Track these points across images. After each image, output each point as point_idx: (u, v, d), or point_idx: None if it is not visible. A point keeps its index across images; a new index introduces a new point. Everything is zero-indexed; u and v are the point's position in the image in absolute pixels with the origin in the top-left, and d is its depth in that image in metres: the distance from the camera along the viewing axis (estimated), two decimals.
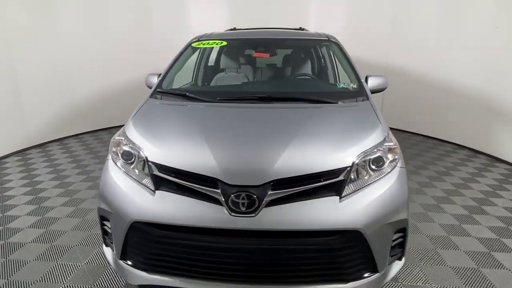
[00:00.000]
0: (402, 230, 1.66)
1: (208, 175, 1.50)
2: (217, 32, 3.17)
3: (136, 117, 2.01)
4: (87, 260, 2.26)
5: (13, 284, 2.03)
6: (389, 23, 5.53)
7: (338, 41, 2.92)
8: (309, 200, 1.49)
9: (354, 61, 2.67)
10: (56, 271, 2.15)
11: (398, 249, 1.71)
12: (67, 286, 2.02)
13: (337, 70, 3.12)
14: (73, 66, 5.01)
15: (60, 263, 2.23)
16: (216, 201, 1.47)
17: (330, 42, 2.91)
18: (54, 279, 2.08)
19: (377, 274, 1.58)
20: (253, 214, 1.45)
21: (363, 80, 2.41)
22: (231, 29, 3.70)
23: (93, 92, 5.44)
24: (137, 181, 1.62)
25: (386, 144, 1.71)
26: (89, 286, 2.02)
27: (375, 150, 1.65)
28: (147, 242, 1.55)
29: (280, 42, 3.24)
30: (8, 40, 4.13)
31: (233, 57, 3.11)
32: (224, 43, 2.92)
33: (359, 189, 1.55)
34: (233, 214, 1.45)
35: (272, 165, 1.49)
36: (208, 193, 1.49)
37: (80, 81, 5.15)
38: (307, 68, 3.07)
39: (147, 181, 1.60)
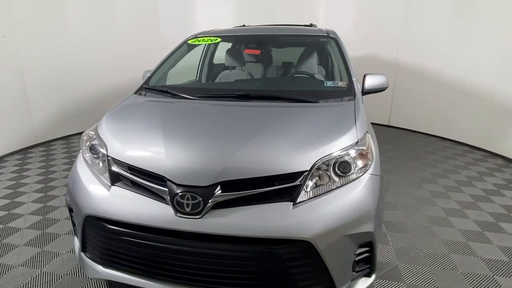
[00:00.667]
0: (369, 244, 1.49)
1: (157, 172, 1.45)
2: (216, 29, 3.08)
3: (111, 112, 2.00)
4: (69, 249, 2.27)
5: None
6: (400, 22, 5.43)
7: (337, 37, 2.72)
8: (259, 205, 1.38)
9: (351, 58, 2.49)
10: (39, 257, 2.18)
11: (365, 265, 1.55)
12: (44, 272, 2.04)
13: (334, 68, 2.91)
14: (79, 64, 5.06)
15: (45, 249, 2.26)
16: (164, 200, 1.42)
17: (328, 38, 2.73)
18: (35, 265, 2.10)
19: None
20: (198, 216, 1.37)
21: (354, 79, 2.24)
22: (240, 26, 3.62)
23: (99, 90, 5.42)
24: (98, 175, 1.61)
25: (356, 148, 1.54)
26: (64, 274, 2.02)
27: (342, 154, 1.50)
28: (100, 237, 1.53)
29: (275, 39, 3.08)
30: (17, 40, 4.20)
31: (229, 54, 3.00)
32: (218, 39, 2.84)
33: (317, 196, 1.41)
34: (178, 214, 1.38)
35: (221, 166, 1.41)
36: (156, 191, 1.44)
37: (86, 79, 5.20)
38: (303, 65, 2.87)
39: (106, 176, 1.58)
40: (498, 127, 4.28)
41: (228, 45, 3.16)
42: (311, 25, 3.40)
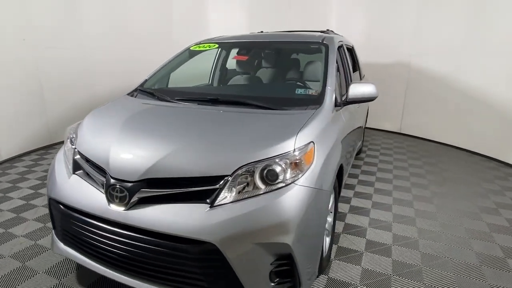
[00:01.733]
0: (288, 256, 1.47)
1: (100, 164, 1.64)
2: (221, 36, 3.24)
3: (96, 109, 2.22)
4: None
5: None
6: (412, 28, 5.36)
7: (331, 44, 2.62)
8: (179, 204, 1.46)
9: (335, 65, 2.43)
10: None
11: (286, 278, 1.54)
12: None
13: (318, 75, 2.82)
14: (94, 66, 5.10)
15: None
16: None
17: (320, 45, 2.63)
18: None
19: None
20: (124, 208, 1.50)
21: (329, 88, 2.18)
22: (258, 32, 3.77)
23: (112, 91, 5.34)
24: (67, 164, 1.85)
25: (287, 157, 1.54)
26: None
27: (270, 162, 1.51)
28: (58, 217, 1.79)
29: (267, 45, 3.07)
30: (35, 42, 4.23)
31: (227, 60, 3.16)
32: (216, 45, 2.96)
33: (236, 201, 1.44)
34: (110, 205, 1.53)
35: (150, 164, 1.51)
36: (98, 182, 1.63)
37: (101, 81, 5.24)
38: (290, 72, 2.86)
39: (71, 165, 1.82)
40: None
41: (225, 51, 3.36)
42: (327, 31, 3.39)
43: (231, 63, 3.49)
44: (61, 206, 1.72)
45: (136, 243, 1.49)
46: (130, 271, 1.58)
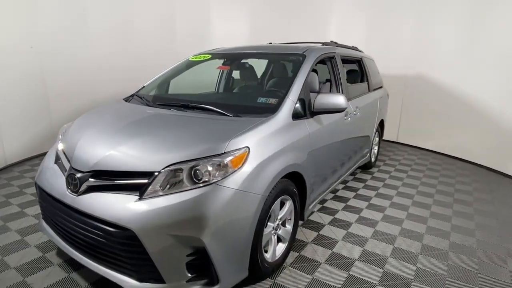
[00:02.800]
0: (203, 251, 1.58)
1: (67, 155, 1.96)
2: (218, 48, 3.45)
3: (87, 112, 2.49)
4: None
5: None
6: (409, 41, 5.50)
7: (310, 55, 2.66)
8: (116, 194, 1.65)
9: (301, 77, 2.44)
10: None
11: (203, 272, 1.65)
12: None
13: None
14: (98, 75, 5.17)
15: None
16: None
17: (298, 57, 2.68)
18: None
19: (164, 284, 1.60)
20: (75, 194, 1.74)
21: (289, 98, 2.25)
22: (268, 44, 3.83)
23: (115, 98, 5.15)
24: (53, 155, 2.14)
25: (214, 159, 1.66)
26: None
27: (200, 163, 1.64)
28: (40, 199, 2.08)
29: (251, 57, 3.22)
30: (41, 50, 4.32)
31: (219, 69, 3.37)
32: (209, 56, 3.15)
33: (161, 195, 1.58)
34: (67, 191, 1.79)
35: (98, 158, 1.75)
36: (64, 171, 1.92)
37: (104, 88, 5.27)
38: (269, 81, 2.93)
39: (54, 156, 2.12)
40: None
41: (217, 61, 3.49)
42: (331, 42, 3.40)
43: (236, 73, 3.69)
44: (42, 190, 2.01)
45: (84, 225, 1.71)
46: (83, 250, 1.82)
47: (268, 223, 2.04)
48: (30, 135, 4.37)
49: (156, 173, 1.63)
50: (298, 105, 2.31)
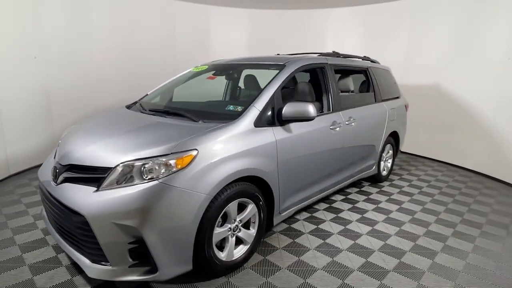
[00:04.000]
0: (141, 240, 1.77)
1: (58, 151, 2.27)
2: (217, 60, 3.65)
3: (88, 117, 2.83)
4: None
5: None
6: (404, 52, 5.69)
7: (290, 66, 2.75)
8: (79, 185, 1.92)
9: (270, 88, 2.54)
10: None
11: (144, 260, 1.84)
12: None
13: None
14: (101, 84, 5.25)
15: None
16: None
17: (278, 67, 2.78)
18: None
19: (109, 266, 1.81)
20: (55, 184, 2.05)
21: (254, 107, 2.37)
22: (276, 55, 3.92)
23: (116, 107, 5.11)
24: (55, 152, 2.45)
25: (159, 159, 1.85)
26: None
27: (148, 161, 1.84)
28: (39, 190, 2.36)
29: (238, 67, 3.43)
30: (45, 61, 4.39)
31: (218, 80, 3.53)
32: (206, 67, 3.34)
33: (113, 188, 1.80)
34: (52, 181, 2.10)
35: (74, 153, 2.06)
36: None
37: (105, 97, 5.36)
38: (249, 90, 3.12)
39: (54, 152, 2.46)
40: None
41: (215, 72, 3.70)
42: (333, 52, 3.38)
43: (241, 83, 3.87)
44: (39, 181, 2.38)
45: (57, 211, 1.99)
46: (59, 233, 2.11)
47: (225, 223, 2.16)
48: (31, 145, 4.35)
49: (112, 169, 1.86)
50: (266, 113, 2.40)
